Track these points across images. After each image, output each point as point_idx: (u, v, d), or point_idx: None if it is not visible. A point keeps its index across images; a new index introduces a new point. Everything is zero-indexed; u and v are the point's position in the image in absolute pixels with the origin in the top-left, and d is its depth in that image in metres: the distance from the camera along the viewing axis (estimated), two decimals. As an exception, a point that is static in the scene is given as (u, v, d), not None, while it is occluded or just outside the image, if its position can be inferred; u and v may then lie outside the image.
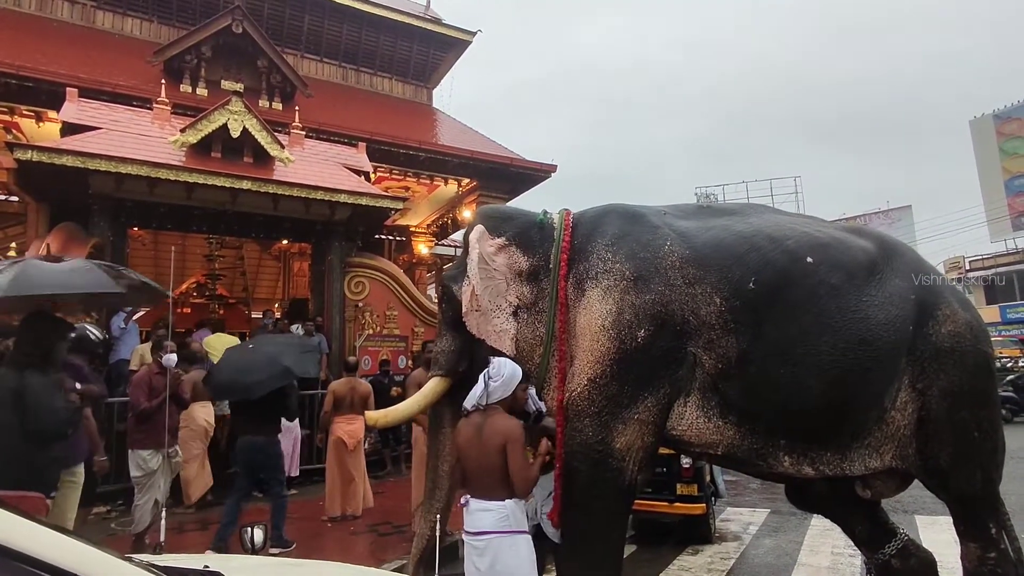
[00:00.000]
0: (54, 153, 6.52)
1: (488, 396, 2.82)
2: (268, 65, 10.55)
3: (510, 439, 2.72)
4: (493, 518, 2.72)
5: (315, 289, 9.07)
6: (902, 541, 3.49)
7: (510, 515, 2.74)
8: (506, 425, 2.78)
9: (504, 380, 2.83)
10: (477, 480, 2.81)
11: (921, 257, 3.55)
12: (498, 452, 2.71)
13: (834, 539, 5.23)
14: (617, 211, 3.34)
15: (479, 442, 2.77)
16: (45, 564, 0.89)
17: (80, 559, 0.95)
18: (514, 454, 2.71)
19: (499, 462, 2.72)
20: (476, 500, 2.79)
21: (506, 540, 2.71)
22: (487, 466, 2.75)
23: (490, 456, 2.73)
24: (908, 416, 2.99)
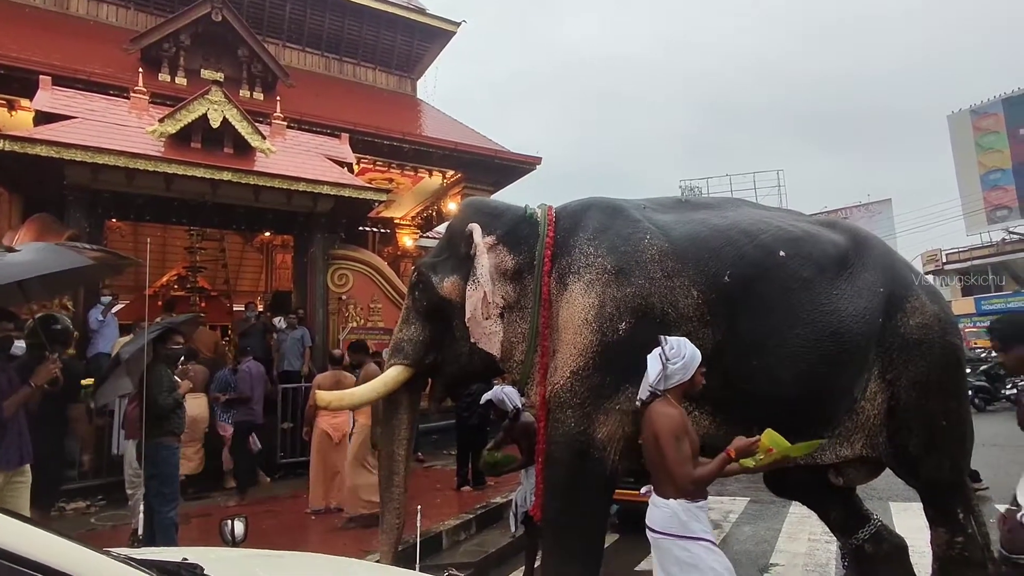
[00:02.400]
0: (27, 143, 6.38)
1: (666, 380, 2.53)
2: (249, 54, 10.39)
3: (658, 430, 2.46)
4: (659, 516, 2.51)
5: (298, 281, 9.01)
6: (875, 526, 3.58)
7: (674, 516, 2.45)
8: (659, 414, 2.50)
9: (684, 361, 2.56)
10: (651, 472, 2.60)
11: (892, 250, 3.64)
12: (654, 445, 2.48)
13: (811, 526, 5.34)
14: (598, 205, 3.37)
15: (644, 432, 2.56)
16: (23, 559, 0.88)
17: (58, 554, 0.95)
18: (665, 447, 2.43)
19: (657, 456, 2.49)
20: (653, 494, 2.60)
21: (675, 544, 2.45)
22: (651, 459, 2.56)
23: (649, 448, 2.52)
24: (878, 406, 3.07)
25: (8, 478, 3.46)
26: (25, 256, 3.57)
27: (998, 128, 30.95)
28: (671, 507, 2.46)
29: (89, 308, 6.99)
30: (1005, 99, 30.78)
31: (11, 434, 3.43)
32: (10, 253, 3.54)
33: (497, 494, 6.40)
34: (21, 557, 0.88)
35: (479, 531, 5.58)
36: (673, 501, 2.47)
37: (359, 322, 9.00)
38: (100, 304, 7.04)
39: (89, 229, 7.12)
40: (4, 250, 3.67)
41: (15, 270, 3.41)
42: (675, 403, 2.56)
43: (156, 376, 4.13)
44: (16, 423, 3.47)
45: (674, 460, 2.42)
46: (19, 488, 3.53)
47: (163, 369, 4.27)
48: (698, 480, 2.43)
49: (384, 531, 3.41)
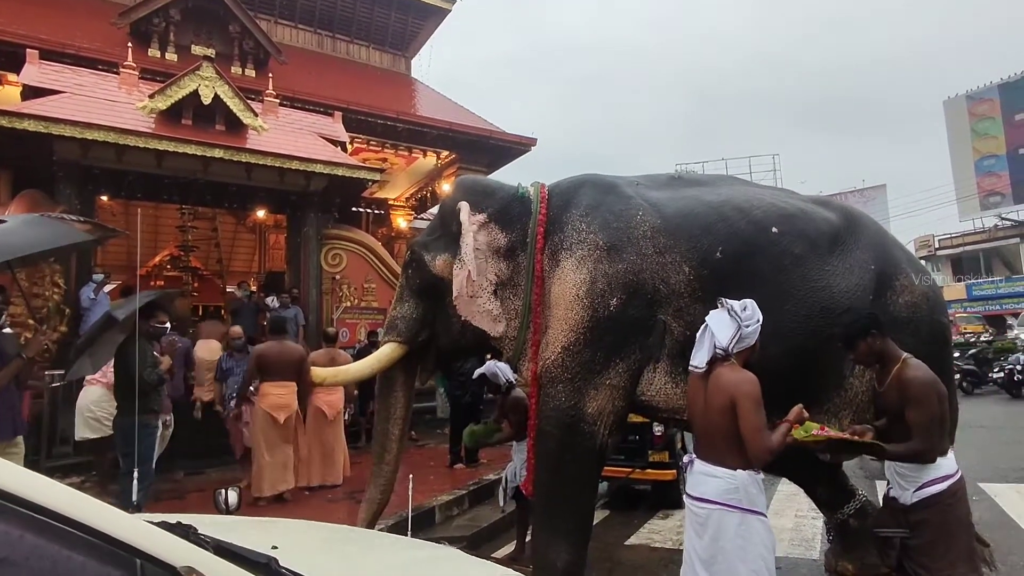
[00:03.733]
0: (15, 117, 6.29)
1: (740, 342, 2.43)
2: (240, 30, 10.23)
3: (740, 395, 2.32)
4: (718, 487, 2.37)
5: (291, 261, 8.97)
6: (860, 502, 3.65)
7: (740, 488, 2.35)
8: (736, 379, 2.38)
9: (757, 323, 2.46)
10: (704, 440, 2.49)
11: (884, 229, 3.66)
12: (724, 412, 2.35)
13: (798, 503, 5.44)
14: (591, 181, 3.37)
15: (704, 398, 2.44)
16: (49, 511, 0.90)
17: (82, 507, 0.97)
18: (747, 414, 2.29)
19: (725, 423, 2.35)
20: (701, 462, 2.46)
21: (734, 517, 2.34)
22: (712, 426, 2.42)
23: (714, 415, 2.39)
24: (866, 383, 3.11)
25: (3, 449, 3.47)
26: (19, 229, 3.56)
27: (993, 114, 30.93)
28: (738, 478, 2.34)
29: (81, 286, 6.96)
30: (1001, 85, 30.72)
31: (3, 406, 3.44)
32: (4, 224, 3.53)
33: (490, 471, 6.47)
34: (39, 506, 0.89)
35: (471, 506, 5.66)
36: (741, 472, 2.34)
37: (353, 302, 9.01)
38: (92, 282, 7.00)
39: (80, 206, 7.05)
40: None
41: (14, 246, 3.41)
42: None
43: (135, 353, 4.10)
44: (9, 395, 3.48)
45: (755, 427, 2.29)
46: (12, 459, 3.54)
47: (145, 345, 4.24)
48: (774, 449, 2.31)
49: (366, 502, 3.48)
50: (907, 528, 2.55)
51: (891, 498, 2.67)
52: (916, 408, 2.49)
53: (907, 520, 2.56)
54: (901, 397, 2.55)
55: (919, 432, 2.48)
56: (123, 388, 4.25)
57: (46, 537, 0.85)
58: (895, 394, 2.58)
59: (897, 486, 2.62)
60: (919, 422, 2.48)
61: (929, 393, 2.50)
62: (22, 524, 0.84)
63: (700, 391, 2.48)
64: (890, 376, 2.62)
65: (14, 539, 0.82)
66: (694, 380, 2.55)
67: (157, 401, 4.35)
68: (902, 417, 2.54)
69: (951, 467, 2.56)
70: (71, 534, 0.87)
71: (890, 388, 2.61)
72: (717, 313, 2.51)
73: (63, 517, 0.88)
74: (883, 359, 2.67)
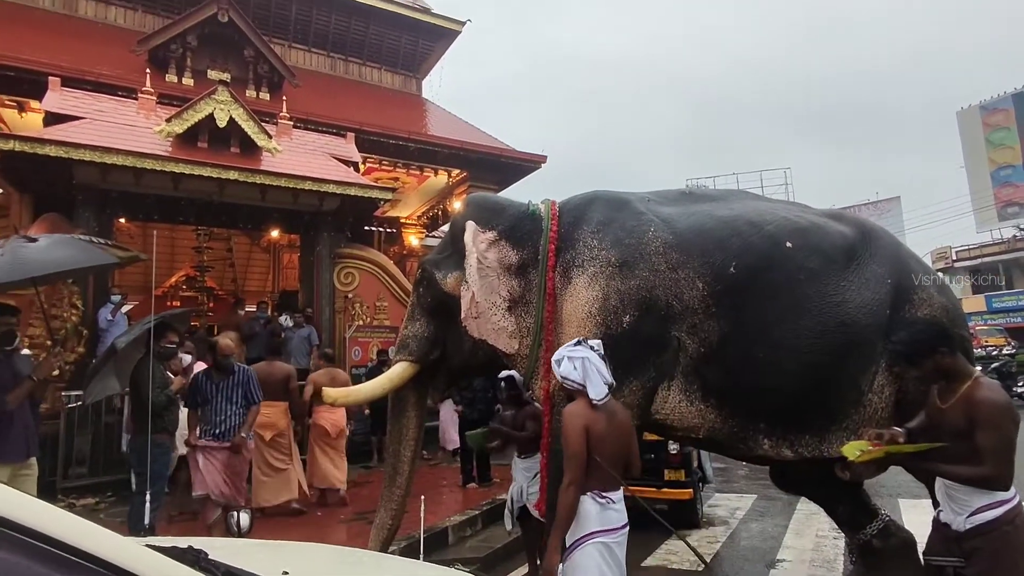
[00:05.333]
0: (37, 143, 6.44)
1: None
2: (255, 54, 10.44)
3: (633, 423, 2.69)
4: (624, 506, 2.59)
5: (304, 280, 9.04)
6: (883, 522, 3.55)
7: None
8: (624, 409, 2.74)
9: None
10: (615, 470, 2.57)
11: (899, 242, 3.61)
12: (633, 435, 2.64)
13: (819, 523, 5.31)
14: (602, 198, 3.37)
15: (614, 428, 2.56)
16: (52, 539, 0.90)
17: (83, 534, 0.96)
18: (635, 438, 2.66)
19: (631, 445, 2.63)
20: (616, 491, 2.58)
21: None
22: (625, 452, 2.61)
23: (627, 441, 2.62)
24: (885, 399, 3.05)
25: (15, 471, 3.49)
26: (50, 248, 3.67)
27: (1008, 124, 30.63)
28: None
29: (99, 307, 7.05)
30: (1016, 95, 30.46)
31: (17, 427, 3.47)
32: (32, 243, 3.62)
33: (503, 491, 6.37)
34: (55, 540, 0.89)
35: (485, 527, 5.58)
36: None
37: (365, 320, 9.03)
38: (110, 303, 7.10)
39: (98, 229, 7.17)
40: (25, 240, 3.74)
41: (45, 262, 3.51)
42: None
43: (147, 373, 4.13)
44: (23, 416, 3.50)
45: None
46: (26, 480, 3.57)
47: (155, 366, 4.26)
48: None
49: (376, 527, 3.43)
50: (961, 556, 2.38)
51: (942, 523, 2.47)
52: (988, 431, 2.31)
53: (960, 548, 2.38)
54: (969, 418, 2.37)
55: (990, 457, 2.30)
56: (136, 409, 4.27)
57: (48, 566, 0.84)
58: (961, 414, 2.40)
59: (949, 510, 2.44)
60: (991, 447, 2.30)
61: (1004, 416, 2.33)
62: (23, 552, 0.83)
63: (601, 422, 2.53)
64: (957, 395, 2.43)
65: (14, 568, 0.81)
66: (597, 415, 2.56)
67: (170, 421, 4.36)
68: (966, 438, 2.36)
69: (1008, 491, 2.37)
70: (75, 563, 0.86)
71: (955, 407, 2.43)
72: (586, 350, 2.61)
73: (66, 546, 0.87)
74: (950, 376, 2.48)
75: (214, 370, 4.72)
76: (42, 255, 3.61)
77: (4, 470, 3.43)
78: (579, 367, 2.55)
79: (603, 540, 2.50)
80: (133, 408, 4.40)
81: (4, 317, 3.56)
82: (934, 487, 2.61)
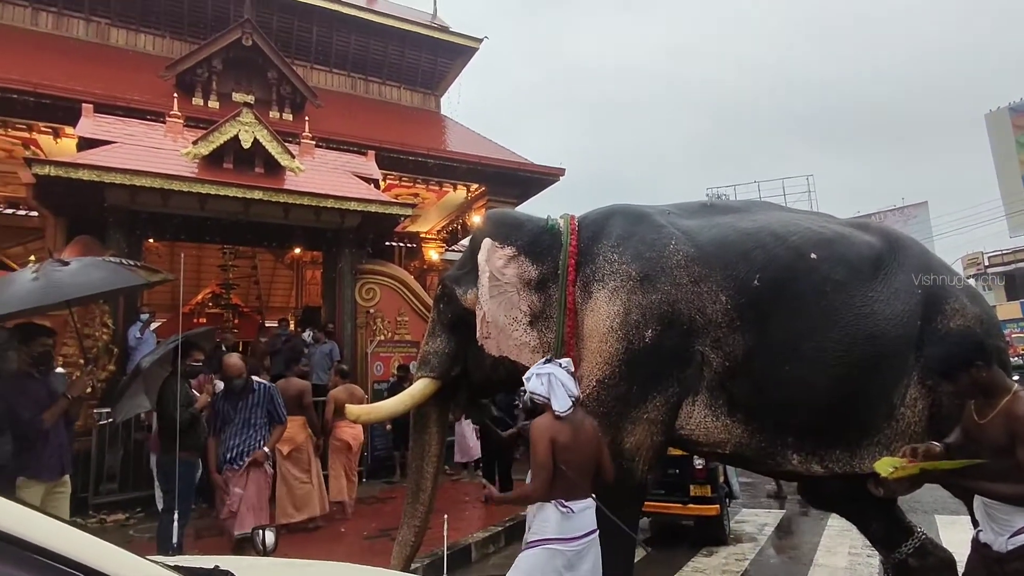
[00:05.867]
0: (71, 168, 6.66)
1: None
2: (278, 76, 10.69)
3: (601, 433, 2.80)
4: (593, 514, 2.69)
5: (327, 296, 9.15)
6: (919, 540, 3.44)
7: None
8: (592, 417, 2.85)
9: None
10: (581, 480, 2.69)
11: (928, 251, 3.53)
12: (599, 446, 2.75)
13: (852, 539, 5.16)
14: (621, 212, 3.36)
15: (580, 439, 2.68)
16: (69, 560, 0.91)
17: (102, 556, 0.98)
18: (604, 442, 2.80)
19: (598, 455, 2.75)
20: (580, 501, 2.68)
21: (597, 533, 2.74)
22: (591, 463, 2.72)
23: (593, 452, 2.72)
24: (919, 412, 2.96)
25: (49, 489, 3.57)
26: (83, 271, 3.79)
27: (1039, 126, 29.88)
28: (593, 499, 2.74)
29: (128, 325, 7.22)
30: (1046, 96, 29.71)
31: (52, 445, 3.55)
32: (64, 267, 3.74)
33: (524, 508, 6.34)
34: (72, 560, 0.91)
35: (508, 544, 5.54)
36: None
37: (387, 335, 9.09)
38: (139, 321, 7.26)
39: (128, 249, 7.37)
40: (59, 263, 3.86)
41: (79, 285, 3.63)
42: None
43: (172, 391, 4.19)
44: (57, 434, 3.59)
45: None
46: (60, 497, 3.65)
47: (181, 384, 4.30)
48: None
49: (399, 544, 3.43)
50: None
51: (982, 544, 2.38)
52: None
53: (1002, 570, 2.29)
54: (1010, 433, 2.28)
55: None
56: (162, 427, 4.35)
57: None
58: (1002, 429, 2.31)
59: (989, 530, 2.35)
60: None
61: None
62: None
63: (566, 433, 2.66)
64: (996, 409, 2.34)
65: None
66: (562, 427, 2.68)
67: (195, 439, 4.42)
68: (1007, 455, 2.27)
69: None
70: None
71: (995, 422, 2.34)
72: (552, 367, 2.74)
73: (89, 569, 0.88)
74: (988, 391, 2.39)
75: (228, 392, 4.53)
76: (74, 278, 3.72)
77: (39, 488, 3.51)
78: (545, 383, 2.70)
79: (558, 548, 2.61)
80: (159, 426, 4.48)
81: (41, 338, 3.66)
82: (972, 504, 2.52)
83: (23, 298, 3.54)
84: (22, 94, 8.10)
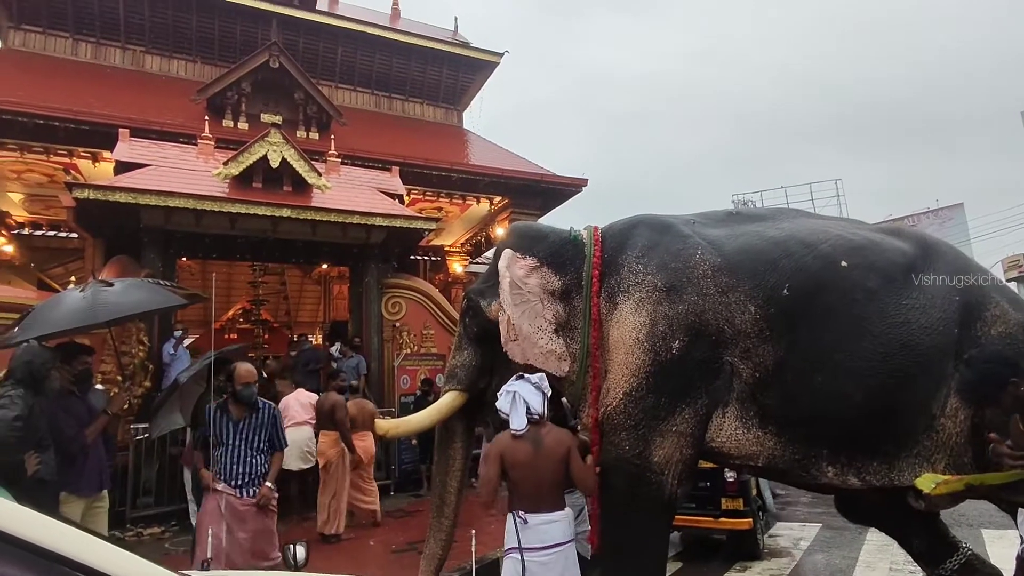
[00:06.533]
0: (108, 191, 6.90)
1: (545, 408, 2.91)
2: (304, 97, 10.95)
3: (572, 447, 2.85)
4: (561, 528, 2.80)
5: (353, 311, 9.27)
6: (965, 555, 3.31)
7: (570, 523, 2.88)
8: (566, 434, 2.93)
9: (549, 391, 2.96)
10: (538, 494, 2.81)
11: (965, 256, 3.42)
12: (562, 462, 2.80)
13: (892, 555, 4.98)
14: (645, 222, 3.34)
15: (540, 455, 2.79)
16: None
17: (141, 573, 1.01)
18: (577, 459, 2.83)
19: (563, 472, 2.81)
20: (538, 514, 2.78)
21: (571, 547, 2.84)
22: (551, 479, 2.81)
23: (553, 468, 2.80)
24: (960, 423, 2.86)
25: (89, 504, 3.67)
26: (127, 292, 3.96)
27: (1079, 123, 28.82)
28: (568, 515, 2.87)
29: (162, 342, 7.41)
30: (1086, 92, 28.67)
31: (92, 461, 3.66)
32: (110, 287, 3.89)
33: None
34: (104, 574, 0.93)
35: (537, 558, 5.48)
36: (567, 509, 2.88)
37: (412, 349, 9.15)
38: (173, 338, 7.45)
39: (162, 268, 7.59)
40: (104, 284, 4.02)
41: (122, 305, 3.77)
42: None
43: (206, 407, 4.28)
44: (96, 450, 3.69)
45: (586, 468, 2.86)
46: (99, 512, 3.75)
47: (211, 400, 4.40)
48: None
49: (426, 557, 3.44)
50: None
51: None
52: None
53: None
54: None
55: None
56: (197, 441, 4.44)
57: None
58: None
59: None
60: None
61: None
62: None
63: (523, 450, 2.79)
64: None
65: None
66: (518, 443, 2.82)
67: None
68: None
69: None
70: None
71: None
72: (522, 384, 2.88)
73: None
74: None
75: (232, 404, 3.80)
76: (119, 298, 3.90)
77: (79, 503, 3.61)
78: (509, 400, 2.83)
79: (516, 557, 2.73)
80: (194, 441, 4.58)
81: (81, 357, 3.79)
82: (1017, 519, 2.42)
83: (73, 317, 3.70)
84: (63, 121, 8.47)
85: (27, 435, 3.17)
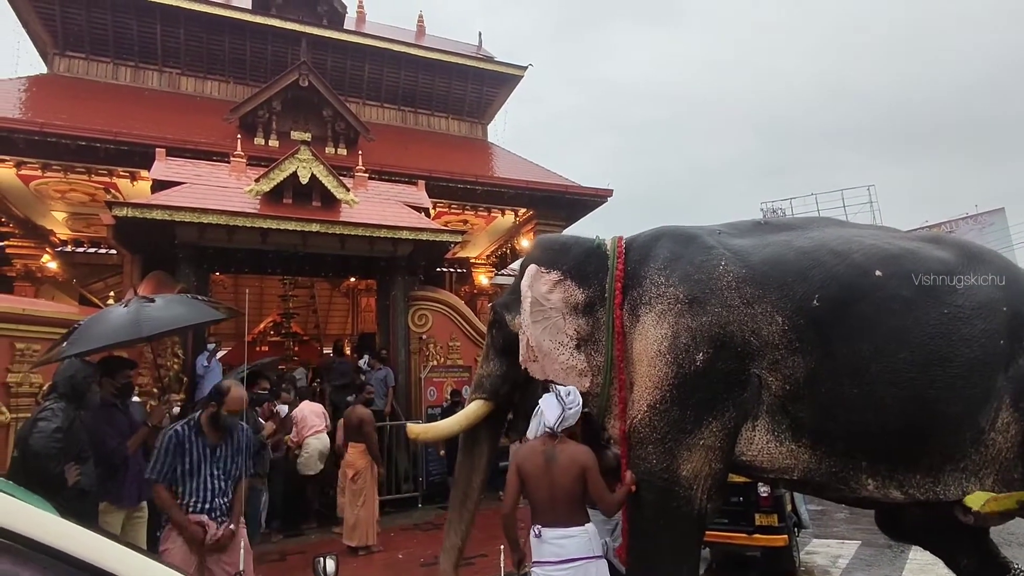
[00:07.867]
0: (145, 208, 7.14)
1: (563, 422, 2.86)
2: (333, 114, 11.19)
3: (588, 466, 2.79)
4: (579, 543, 2.75)
5: (381, 323, 9.36)
6: None
7: (593, 539, 2.81)
8: (582, 452, 2.85)
9: (578, 407, 2.90)
10: (553, 508, 2.80)
11: (1012, 264, 3.28)
12: (577, 479, 2.76)
13: (937, 574, 4.77)
14: (669, 233, 3.31)
15: (553, 470, 2.78)
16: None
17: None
18: (595, 479, 2.78)
19: (579, 489, 2.77)
20: (554, 528, 2.77)
21: (595, 564, 2.78)
22: (566, 494, 2.77)
23: (568, 484, 2.77)
24: (1011, 438, 2.74)
25: (129, 514, 3.75)
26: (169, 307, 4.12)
27: None
28: (589, 531, 2.81)
29: (196, 355, 7.59)
30: None
31: (131, 472, 3.74)
32: (152, 303, 4.04)
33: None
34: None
35: (566, 573, 5.41)
36: (589, 525, 2.82)
37: (439, 360, 9.19)
38: (206, 351, 7.62)
39: (196, 283, 7.80)
40: (146, 300, 4.16)
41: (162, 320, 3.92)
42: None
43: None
44: (136, 462, 3.78)
45: (605, 487, 2.80)
46: (138, 523, 3.83)
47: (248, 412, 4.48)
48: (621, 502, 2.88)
49: (446, 550, 3.49)
50: None
51: None
52: None
53: None
54: None
55: None
56: None
57: None
58: None
59: None
60: None
61: None
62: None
63: (536, 463, 2.81)
64: None
65: None
66: (531, 453, 2.86)
67: (262, 465, 4.57)
68: None
69: None
70: None
71: None
72: (548, 397, 2.90)
73: None
74: None
75: (209, 427, 3.25)
76: (161, 313, 4.04)
77: (119, 514, 3.70)
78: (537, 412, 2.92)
79: (536, 571, 2.77)
80: None
81: (124, 370, 3.91)
82: None
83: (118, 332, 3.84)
84: (104, 142, 8.81)
85: (67, 447, 3.27)
